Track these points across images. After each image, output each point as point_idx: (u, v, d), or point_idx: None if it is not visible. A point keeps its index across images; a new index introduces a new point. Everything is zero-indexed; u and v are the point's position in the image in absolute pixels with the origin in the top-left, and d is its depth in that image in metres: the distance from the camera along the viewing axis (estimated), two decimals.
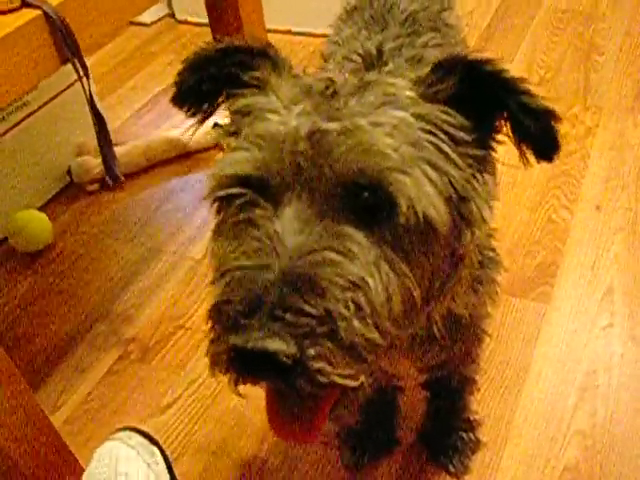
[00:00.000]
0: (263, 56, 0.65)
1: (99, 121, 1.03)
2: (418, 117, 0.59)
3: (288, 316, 0.50)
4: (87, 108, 1.83)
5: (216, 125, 2.05)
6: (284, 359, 0.50)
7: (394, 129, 0.57)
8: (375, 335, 0.55)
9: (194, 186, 1.81)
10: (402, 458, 1.16)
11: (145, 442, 1.05)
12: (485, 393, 1.23)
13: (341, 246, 0.55)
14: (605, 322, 1.33)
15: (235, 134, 0.64)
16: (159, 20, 2.60)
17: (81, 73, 0.96)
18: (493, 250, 0.83)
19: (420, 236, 0.58)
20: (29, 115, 1.68)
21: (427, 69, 0.61)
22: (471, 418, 1.16)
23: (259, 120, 0.60)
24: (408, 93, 0.60)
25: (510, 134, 0.62)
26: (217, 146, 1.91)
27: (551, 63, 2.08)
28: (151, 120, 2.07)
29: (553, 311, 1.36)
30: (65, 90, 1.78)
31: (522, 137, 0.61)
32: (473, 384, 1.09)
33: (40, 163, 1.74)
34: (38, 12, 0.89)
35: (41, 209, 1.71)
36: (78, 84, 1.80)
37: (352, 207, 0.56)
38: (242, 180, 0.58)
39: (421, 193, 0.56)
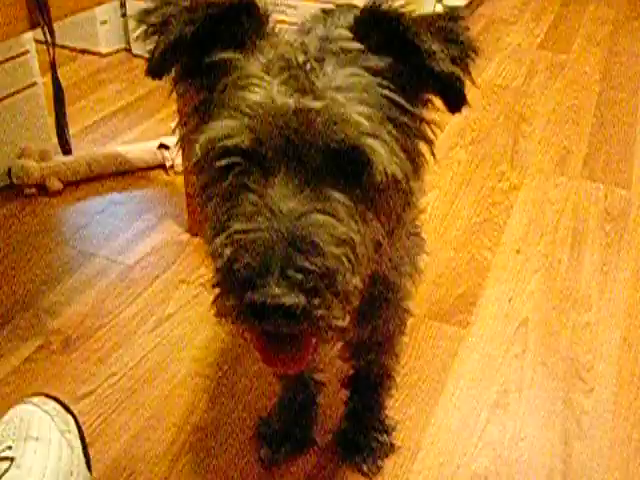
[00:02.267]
0: (245, 10, 0.69)
1: (58, 90, 1.06)
2: (373, 72, 0.66)
3: (298, 275, 0.59)
4: (34, 114, 1.86)
5: (162, 146, 2.08)
6: (296, 310, 0.59)
7: (362, 94, 0.64)
8: (357, 281, 0.65)
9: (132, 200, 1.83)
10: (317, 457, 1.17)
11: (60, 409, 1.03)
12: (402, 401, 1.26)
13: (328, 208, 0.63)
14: (519, 349, 1.40)
15: (209, 88, 0.69)
16: (115, 52, 2.67)
17: (49, 39, 1.00)
18: (419, 228, 0.90)
19: (387, 192, 0.67)
20: None
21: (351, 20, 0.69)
22: (387, 421, 1.19)
23: (243, 88, 0.65)
24: (355, 45, 0.67)
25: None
26: (161, 167, 1.95)
27: (482, 128, 2.23)
28: (95, 139, 2.10)
29: (470, 336, 1.43)
30: (15, 93, 1.80)
31: (432, 83, 0.68)
32: (391, 381, 1.13)
33: None
34: None
35: None
36: (29, 89, 1.84)
37: (333, 172, 0.64)
38: (235, 151, 0.64)
39: (390, 155, 0.65)
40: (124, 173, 1.92)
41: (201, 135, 0.65)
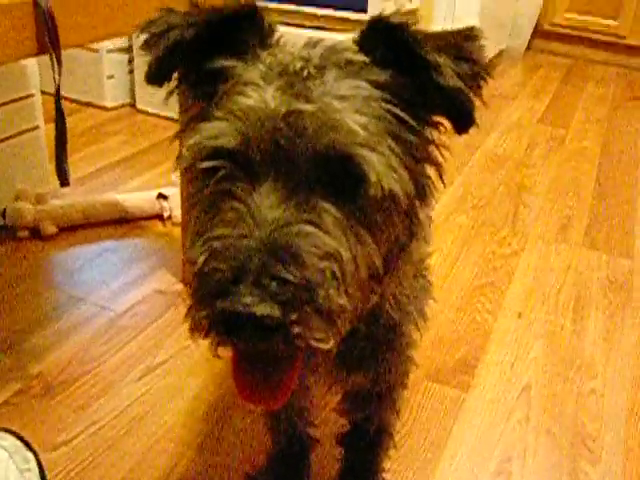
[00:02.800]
0: (249, 19, 0.67)
1: (60, 119, 1.04)
2: (376, 86, 0.63)
3: (273, 284, 0.53)
4: (34, 158, 1.85)
5: (160, 196, 2.06)
6: (269, 322, 0.53)
7: (362, 104, 0.61)
8: (345, 301, 0.59)
9: (127, 248, 1.79)
10: None
11: (21, 446, 0.96)
12: (399, 465, 1.19)
13: (316, 219, 0.58)
14: (521, 415, 1.34)
15: (208, 96, 0.66)
16: (120, 107, 2.69)
17: (56, 67, 0.98)
18: (427, 271, 0.86)
19: (383, 209, 0.62)
20: None
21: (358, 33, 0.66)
22: None
23: (238, 94, 0.62)
24: (360, 57, 0.64)
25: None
26: (157, 217, 1.92)
27: (483, 195, 2.23)
28: (94, 187, 2.08)
29: (471, 400, 1.37)
30: (16, 136, 1.79)
31: (438, 100, 0.63)
32: (389, 439, 1.06)
33: None
34: None
35: None
36: (29, 133, 1.83)
37: (325, 182, 0.59)
38: (222, 153, 0.61)
39: (387, 169, 0.60)
40: (120, 221, 1.89)
41: (191, 138, 0.62)
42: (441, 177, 0.70)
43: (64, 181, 1.08)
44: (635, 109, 3.18)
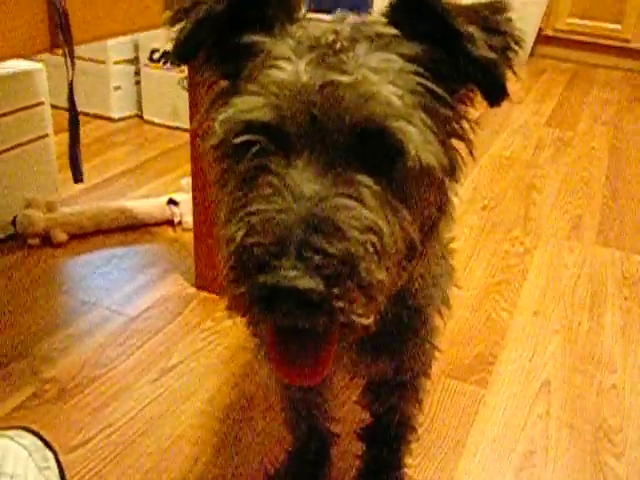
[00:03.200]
0: None
1: (73, 116, 1.04)
2: (408, 59, 0.62)
3: (316, 257, 0.52)
4: (44, 166, 1.85)
5: (171, 201, 2.06)
6: (313, 297, 0.51)
7: (395, 77, 0.60)
8: (384, 276, 0.57)
9: (137, 254, 1.78)
10: None
11: (39, 444, 0.94)
12: (420, 461, 1.17)
13: (354, 192, 0.57)
14: (542, 410, 1.32)
15: (235, 73, 0.65)
16: (127, 118, 2.69)
17: (69, 62, 0.98)
18: (451, 254, 0.85)
19: (419, 183, 0.61)
20: None
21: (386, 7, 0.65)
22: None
23: (270, 67, 0.61)
24: (390, 30, 0.63)
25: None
26: (167, 223, 1.92)
27: (493, 196, 2.22)
28: (103, 195, 2.07)
29: (491, 395, 1.35)
30: (28, 143, 1.79)
31: (471, 72, 0.62)
32: (411, 433, 1.05)
33: None
34: None
35: None
36: (40, 141, 1.83)
37: (361, 155, 0.58)
38: (257, 127, 0.59)
39: (424, 142, 0.59)
40: (130, 228, 1.89)
41: (222, 114, 0.61)
42: (471, 153, 0.68)
43: (78, 177, 1.07)
44: None
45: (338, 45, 0.60)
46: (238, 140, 0.60)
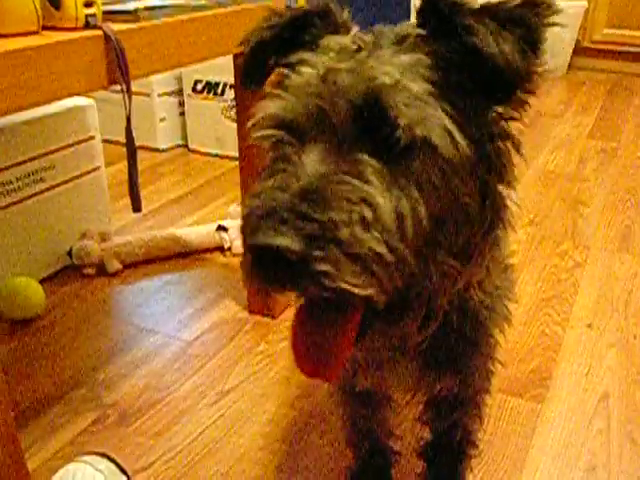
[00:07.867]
0: (323, 16, 0.71)
1: (131, 147, 1.08)
2: (433, 54, 0.63)
3: (295, 220, 0.55)
4: (97, 198, 1.91)
5: (220, 228, 2.09)
6: (290, 256, 0.53)
7: (407, 67, 0.61)
8: (383, 250, 0.58)
9: (189, 280, 1.82)
10: None
11: (115, 469, 0.97)
12: (483, 477, 1.17)
13: (354, 170, 0.59)
14: (602, 424, 1.30)
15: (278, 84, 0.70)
16: (173, 148, 2.76)
17: (126, 98, 1.03)
18: (510, 268, 0.86)
19: (427, 163, 0.61)
20: (43, 191, 1.74)
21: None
22: None
23: (294, 72, 0.65)
24: (417, 31, 0.65)
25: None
26: (218, 249, 1.96)
27: (539, 210, 2.20)
28: (152, 225, 2.13)
29: (548, 411, 1.33)
30: (81, 176, 1.85)
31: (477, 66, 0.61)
32: (473, 449, 1.04)
33: (44, 240, 1.77)
34: (100, 33, 0.98)
35: None
36: (94, 173, 1.89)
37: (364, 134, 0.60)
38: (279, 124, 0.64)
39: (424, 115, 0.60)
40: (181, 255, 1.93)
41: (254, 116, 0.66)
42: (518, 151, 0.68)
43: (137, 206, 1.11)
44: None
45: (356, 47, 0.64)
46: (258, 134, 0.66)
